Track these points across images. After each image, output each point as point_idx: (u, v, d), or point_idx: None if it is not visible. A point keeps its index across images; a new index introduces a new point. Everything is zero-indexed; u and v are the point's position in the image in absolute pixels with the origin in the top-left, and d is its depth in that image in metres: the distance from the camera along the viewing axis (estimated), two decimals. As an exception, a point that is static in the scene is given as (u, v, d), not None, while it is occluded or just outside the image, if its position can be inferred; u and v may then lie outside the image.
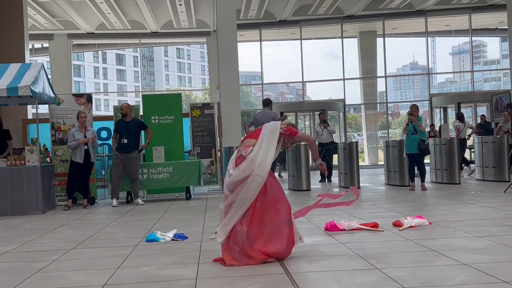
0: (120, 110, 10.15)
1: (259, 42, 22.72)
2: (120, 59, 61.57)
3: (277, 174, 15.64)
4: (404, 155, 10.91)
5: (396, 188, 11.22)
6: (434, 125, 17.34)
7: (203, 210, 8.51)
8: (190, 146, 11.68)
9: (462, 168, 13.72)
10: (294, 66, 23.43)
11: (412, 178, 10.72)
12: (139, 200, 9.91)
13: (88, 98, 10.89)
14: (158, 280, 3.92)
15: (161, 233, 5.79)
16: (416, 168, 10.71)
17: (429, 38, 23.15)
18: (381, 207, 7.89)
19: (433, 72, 27.71)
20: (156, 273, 4.15)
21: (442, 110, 22.23)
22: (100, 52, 54.76)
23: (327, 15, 21.82)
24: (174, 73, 66.25)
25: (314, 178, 13.62)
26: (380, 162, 21.18)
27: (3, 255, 5.18)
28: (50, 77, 15.05)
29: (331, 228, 5.75)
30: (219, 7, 13.32)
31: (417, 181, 10.81)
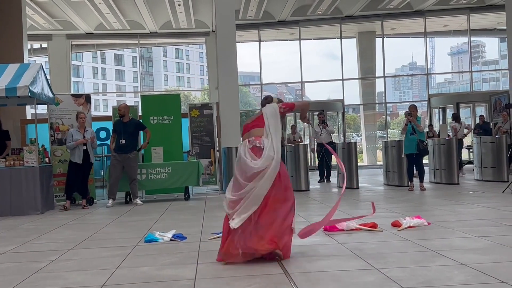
0: (118, 110, 10.16)
1: (258, 43, 22.73)
2: (119, 60, 61.55)
3: None
4: (403, 155, 10.93)
5: (395, 188, 11.23)
6: (432, 125, 17.35)
7: (202, 210, 8.51)
8: (189, 147, 11.68)
9: (461, 168, 13.73)
10: (293, 66, 23.43)
11: (411, 178, 10.73)
12: (138, 200, 9.91)
13: (86, 98, 10.89)
14: (157, 280, 3.92)
15: (160, 233, 5.79)
16: (415, 168, 10.73)
17: (428, 39, 23.16)
18: (379, 207, 7.88)
19: (431, 72, 27.71)
20: (155, 273, 4.15)
21: (441, 110, 22.24)
22: (98, 52, 54.75)
23: (326, 16, 21.82)
24: (173, 73, 66.27)
25: (313, 178, 13.63)
26: (379, 162, 21.18)
27: (2, 256, 5.18)
28: (48, 77, 15.03)
29: (330, 228, 5.76)
30: (218, 8, 13.32)
31: (415, 181, 10.81)
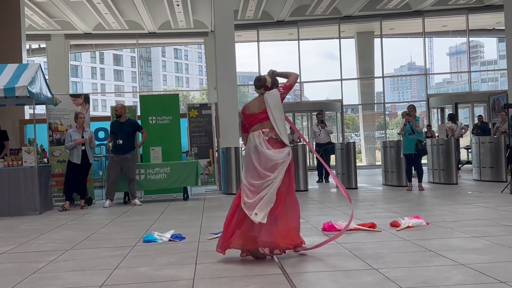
0: (114, 111, 10.14)
1: (257, 43, 22.71)
2: (117, 60, 61.54)
3: None
4: (401, 156, 10.94)
5: (393, 188, 11.24)
6: (431, 125, 17.37)
7: (201, 210, 8.51)
8: (187, 147, 11.67)
9: (459, 168, 13.74)
10: (291, 66, 23.38)
11: (409, 179, 10.73)
12: (137, 200, 9.90)
13: (85, 98, 10.88)
14: (156, 280, 3.92)
15: (158, 233, 5.79)
16: (413, 168, 10.73)
17: (426, 39, 23.16)
18: (378, 208, 7.89)
19: (430, 72, 27.76)
20: (153, 273, 4.15)
21: (439, 110, 22.26)
22: (97, 52, 54.76)
23: (325, 16, 21.81)
24: (172, 73, 66.29)
25: (312, 178, 13.64)
26: (377, 163, 21.18)
27: (1, 256, 5.18)
28: (47, 77, 15.02)
29: (329, 228, 5.76)
30: (217, 8, 13.31)
31: (414, 181, 10.82)
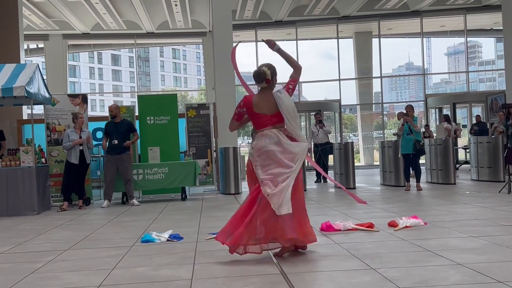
0: (110, 112, 10.10)
1: (255, 43, 22.72)
2: (115, 60, 61.51)
3: None
4: (399, 156, 10.94)
5: (391, 188, 11.25)
6: (429, 125, 17.38)
7: (199, 210, 8.51)
8: (185, 147, 11.67)
9: (457, 168, 13.76)
10: (289, 66, 23.35)
11: (407, 179, 10.74)
12: (135, 200, 9.89)
13: (83, 98, 10.87)
14: (154, 280, 3.92)
15: (156, 233, 5.79)
16: (411, 168, 10.74)
17: (424, 39, 23.17)
18: (376, 207, 7.90)
19: (428, 72, 27.79)
20: (151, 273, 4.15)
21: (437, 110, 22.28)
22: (95, 52, 54.74)
23: (323, 16, 21.81)
24: (170, 73, 66.26)
25: (310, 178, 13.66)
26: (375, 163, 21.21)
27: (-2, 256, 5.17)
28: (45, 77, 15.02)
29: (327, 228, 5.77)
30: (215, 8, 13.31)
31: (412, 181, 10.83)
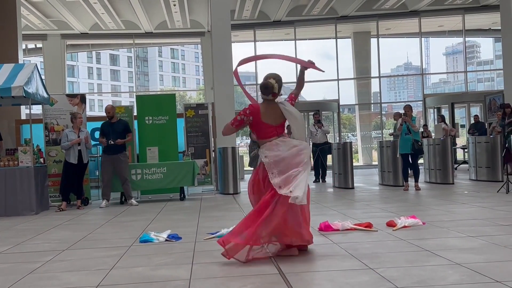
0: (107, 113, 10.05)
1: (253, 43, 22.72)
2: (114, 60, 61.45)
3: None
4: (398, 155, 10.95)
5: (390, 188, 11.25)
6: (427, 125, 17.40)
7: (197, 210, 8.50)
8: (184, 147, 11.66)
9: (455, 168, 13.78)
10: (288, 66, 23.40)
11: (406, 178, 10.75)
12: (133, 200, 9.89)
13: (81, 98, 10.86)
14: (152, 280, 3.91)
15: (155, 233, 5.78)
16: (409, 168, 10.75)
17: (422, 39, 23.19)
18: (375, 207, 7.90)
19: (427, 72, 27.80)
20: (149, 273, 4.15)
21: (435, 110, 22.30)
22: (94, 52, 54.66)
23: (321, 16, 21.83)
24: (168, 73, 66.21)
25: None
26: (374, 162, 21.21)
27: (-4, 256, 5.17)
28: (43, 77, 14.98)
29: (325, 228, 5.77)
30: (213, 8, 13.30)
31: (411, 181, 10.84)
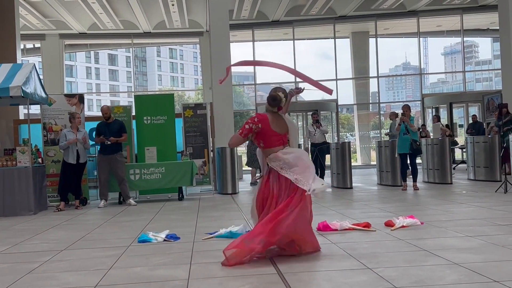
0: (103, 113, 10.01)
1: (252, 43, 22.71)
2: (112, 59, 61.37)
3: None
4: (396, 155, 10.96)
5: (388, 188, 11.26)
6: (425, 125, 17.41)
7: (196, 210, 8.50)
8: (182, 147, 11.66)
9: (454, 168, 13.79)
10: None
11: (404, 178, 10.75)
12: (131, 200, 9.89)
13: (80, 98, 10.86)
14: (150, 280, 3.91)
15: (153, 233, 5.78)
16: (408, 168, 10.76)
17: (421, 39, 23.20)
18: (373, 207, 7.91)
19: (425, 72, 27.79)
20: (148, 273, 4.15)
21: (434, 110, 22.31)
22: (92, 52, 54.57)
23: (320, 16, 21.82)
24: (167, 73, 66.16)
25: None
26: (372, 162, 21.21)
27: (-6, 256, 5.16)
28: (42, 77, 14.96)
29: (323, 228, 5.77)
30: (212, 8, 13.30)
31: (409, 181, 10.85)
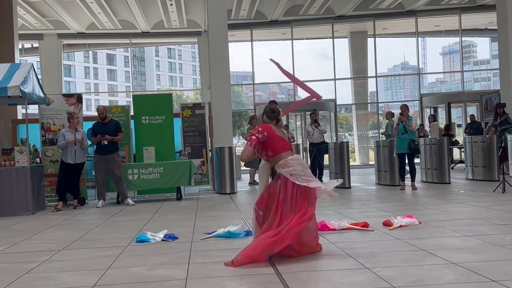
0: (100, 113, 9.98)
1: (250, 42, 22.69)
2: (110, 59, 61.31)
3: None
4: (394, 155, 10.96)
5: (386, 187, 11.27)
6: (423, 125, 17.42)
7: (194, 210, 8.50)
8: (181, 146, 11.65)
9: (452, 168, 13.80)
10: (285, 66, 23.20)
11: (402, 178, 10.76)
12: (130, 200, 9.88)
13: (78, 98, 10.85)
14: (148, 280, 3.91)
15: (151, 233, 5.78)
16: (407, 167, 10.76)
17: (419, 38, 23.21)
18: (371, 207, 7.92)
19: (423, 72, 27.84)
20: (146, 273, 4.15)
21: (432, 110, 22.33)
22: (90, 52, 54.51)
23: (318, 15, 21.82)
24: (165, 73, 66.12)
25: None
26: (371, 162, 21.22)
27: (-8, 257, 5.15)
28: (40, 77, 14.97)
29: (322, 228, 5.76)
30: (210, 7, 13.29)
31: (407, 180, 10.85)
